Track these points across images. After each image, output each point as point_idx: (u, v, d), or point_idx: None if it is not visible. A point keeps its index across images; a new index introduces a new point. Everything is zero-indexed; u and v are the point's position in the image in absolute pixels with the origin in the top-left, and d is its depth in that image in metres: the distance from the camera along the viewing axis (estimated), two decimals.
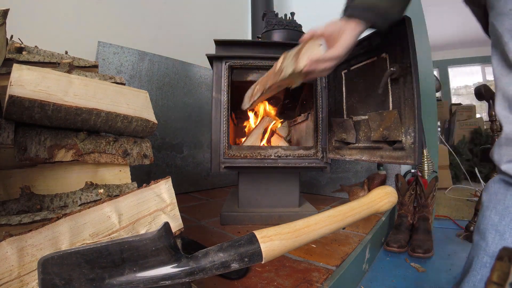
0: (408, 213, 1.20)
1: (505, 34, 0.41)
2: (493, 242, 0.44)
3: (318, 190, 1.57)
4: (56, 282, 0.33)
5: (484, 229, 0.47)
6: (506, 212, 0.44)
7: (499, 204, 0.45)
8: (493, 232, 0.45)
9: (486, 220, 0.47)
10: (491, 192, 0.48)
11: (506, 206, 0.44)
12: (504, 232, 0.43)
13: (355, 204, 0.50)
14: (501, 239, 0.43)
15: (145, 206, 0.47)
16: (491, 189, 0.48)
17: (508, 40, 0.41)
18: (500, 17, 0.42)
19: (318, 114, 1.02)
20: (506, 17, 0.40)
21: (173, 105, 1.51)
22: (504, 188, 0.45)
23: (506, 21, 0.41)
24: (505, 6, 0.40)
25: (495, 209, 0.46)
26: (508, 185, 0.45)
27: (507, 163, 0.44)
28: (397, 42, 0.70)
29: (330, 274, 0.65)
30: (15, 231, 0.38)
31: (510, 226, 0.43)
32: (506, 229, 0.43)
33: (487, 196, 0.49)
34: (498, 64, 0.45)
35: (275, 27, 1.09)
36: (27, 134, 0.47)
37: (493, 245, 0.44)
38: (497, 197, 0.46)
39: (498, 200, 0.46)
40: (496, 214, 0.45)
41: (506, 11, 0.40)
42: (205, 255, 0.37)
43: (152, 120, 0.58)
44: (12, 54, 0.55)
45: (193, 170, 1.61)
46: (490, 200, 0.48)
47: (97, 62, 0.66)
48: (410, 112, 0.68)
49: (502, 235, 0.43)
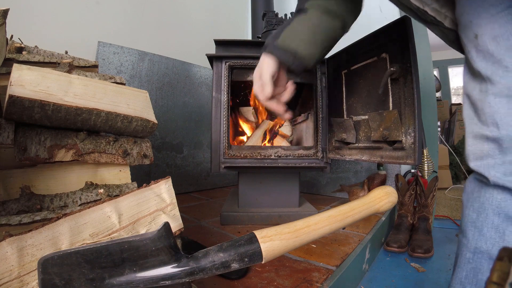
0: (408, 213, 1.20)
1: (468, 44, 0.46)
2: (473, 238, 0.48)
3: (318, 190, 1.57)
4: (56, 282, 0.33)
5: (464, 226, 0.50)
6: (482, 208, 0.47)
7: (475, 201, 0.49)
8: (472, 228, 0.48)
9: (466, 219, 0.50)
10: (468, 191, 0.51)
11: (481, 203, 0.47)
12: (482, 227, 0.46)
13: (355, 204, 0.50)
14: (480, 234, 0.46)
15: (145, 206, 0.47)
16: (468, 188, 0.52)
17: (470, 49, 0.45)
18: (464, 29, 0.46)
19: (318, 114, 1.02)
20: (468, 29, 0.45)
21: (173, 105, 1.51)
22: (479, 186, 0.49)
23: (468, 32, 0.45)
24: (467, 18, 0.45)
25: (472, 207, 0.49)
26: (481, 183, 0.48)
27: (474, 161, 0.48)
28: (397, 42, 0.70)
29: (330, 274, 0.65)
30: (15, 231, 0.38)
31: (487, 222, 0.46)
32: (483, 224, 0.46)
33: (465, 196, 0.52)
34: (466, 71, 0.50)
35: (275, 27, 1.09)
36: (27, 134, 0.47)
37: (473, 241, 0.48)
38: (473, 195, 0.49)
39: (474, 198, 0.49)
40: (473, 211, 0.48)
41: (467, 23, 0.45)
42: (205, 255, 0.37)
43: (152, 120, 0.58)
44: (12, 54, 0.55)
45: (193, 170, 1.61)
46: (468, 199, 0.51)
47: (97, 62, 0.66)
48: (410, 112, 0.68)
49: (480, 231, 0.46)
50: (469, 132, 0.49)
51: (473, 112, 0.48)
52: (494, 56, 0.42)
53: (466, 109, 0.50)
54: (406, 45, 0.67)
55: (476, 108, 0.47)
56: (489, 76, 0.43)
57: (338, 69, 0.95)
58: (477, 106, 0.46)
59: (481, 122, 0.46)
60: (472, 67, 0.46)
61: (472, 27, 0.44)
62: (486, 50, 0.43)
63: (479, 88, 0.46)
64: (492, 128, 0.44)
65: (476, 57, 0.44)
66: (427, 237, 1.09)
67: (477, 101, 0.46)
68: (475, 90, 0.47)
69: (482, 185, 0.48)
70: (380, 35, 0.76)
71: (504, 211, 0.44)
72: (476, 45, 0.44)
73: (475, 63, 0.45)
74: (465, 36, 0.46)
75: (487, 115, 0.44)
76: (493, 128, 0.44)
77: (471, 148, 0.49)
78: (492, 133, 0.44)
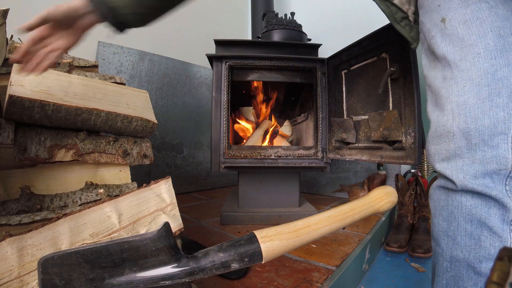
0: (408, 213, 1.20)
1: (433, 28, 0.43)
2: (447, 247, 0.45)
3: (318, 190, 1.57)
4: (56, 282, 0.33)
5: (437, 235, 0.47)
6: (451, 217, 0.44)
7: (443, 210, 0.45)
8: (445, 238, 0.45)
9: (437, 228, 0.47)
10: (434, 199, 0.48)
11: (450, 212, 0.44)
12: (455, 236, 0.43)
13: (355, 204, 0.50)
14: (454, 243, 0.43)
15: (145, 206, 0.47)
16: (434, 196, 0.48)
17: (435, 33, 0.42)
18: (428, 14, 0.44)
19: (318, 114, 1.02)
20: (435, 13, 0.43)
21: (173, 105, 1.50)
22: (445, 195, 0.45)
23: (434, 15, 0.43)
24: (433, 2, 0.43)
25: (441, 215, 0.46)
26: (447, 191, 0.44)
27: (440, 162, 0.44)
28: (397, 42, 0.70)
29: (330, 274, 0.65)
30: (15, 231, 0.38)
31: (459, 230, 0.43)
32: (456, 233, 0.43)
33: (432, 203, 0.49)
34: (426, 61, 0.47)
35: (275, 27, 1.09)
36: (27, 134, 0.47)
37: (448, 250, 0.45)
38: (440, 203, 0.46)
39: (442, 206, 0.46)
40: (443, 220, 0.45)
41: (434, 7, 0.43)
42: (205, 255, 0.37)
43: (152, 120, 0.58)
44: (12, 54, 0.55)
45: (193, 170, 1.61)
46: (435, 207, 0.48)
47: (97, 62, 0.66)
48: (410, 112, 0.68)
49: (454, 239, 0.44)
50: (433, 128, 0.44)
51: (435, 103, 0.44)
52: (464, 40, 0.39)
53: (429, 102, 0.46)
54: (406, 45, 0.67)
55: (440, 98, 0.42)
56: (457, 61, 0.40)
57: (338, 69, 0.95)
58: (440, 96, 0.42)
59: (446, 114, 0.41)
60: (435, 52, 0.43)
61: (440, 11, 0.42)
62: (455, 34, 0.40)
63: (442, 75, 0.42)
64: (460, 121, 0.39)
65: (441, 42, 0.41)
66: (427, 237, 1.09)
67: (440, 90, 0.42)
68: (437, 79, 0.43)
69: (448, 193, 0.44)
70: (380, 35, 0.76)
71: (476, 218, 0.41)
72: (442, 29, 0.41)
73: (440, 48, 0.41)
74: (429, 20, 0.43)
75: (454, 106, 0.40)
76: (460, 122, 0.39)
77: (435, 147, 0.44)
78: (460, 127, 0.40)
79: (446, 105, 0.41)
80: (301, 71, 1.04)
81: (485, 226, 0.40)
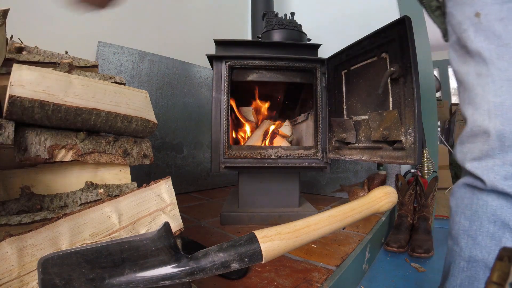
0: (408, 213, 1.20)
1: (465, 21, 0.41)
2: (466, 247, 0.44)
3: (318, 190, 1.57)
4: (56, 282, 0.33)
5: (456, 234, 0.47)
6: (475, 217, 0.44)
7: (467, 209, 0.45)
8: (466, 237, 0.45)
9: (457, 226, 0.47)
10: (457, 197, 0.48)
11: (474, 211, 0.44)
12: (476, 236, 0.43)
13: (355, 204, 0.49)
14: (475, 243, 0.43)
15: (145, 206, 0.47)
16: (457, 194, 0.48)
17: (468, 27, 0.41)
18: (460, 6, 0.42)
19: (318, 114, 1.02)
20: (467, 6, 0.41)
21: (173, 105, 1.51)
22: (470, 193, 0.45)
23: (466, 8, 0.41)
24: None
25: (463, 214, 0.46)
26: (473, 189, 0.44)
27: (471, 161, 0.44)
28: (397, 42, 0.70)
29: (330, 274, 0.65)
30: (15, 231, 0.38)
31: (481, 230, 0.43)
32: (477, 233, 0.43)
33: (454, 201, 0.49)
34: (455, 55, 0.45)
35: (275, 27, 1.09)
36: (27, 134, 0.46)
37: (467, 250, 0.44)
38: (463, 202, 0.46)
39: (465, 205, 0.45)
40: (465, 219, 0.45)
41: (467, 0, 0.41)
42: (205, 255, 0.37)
43: (152, 120, 0.58)
44: (12, 54, 0.55)
45: (193, 170, 1.61)
46: (457, 206, 0.47)
47: (97, 62, 0.66)
48: (410, 112, 0.68)
49: (474, 239, 0.43)
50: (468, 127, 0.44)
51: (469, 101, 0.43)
52: (501, 38, 0.38)
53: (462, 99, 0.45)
54: (406, 45, 0.67)
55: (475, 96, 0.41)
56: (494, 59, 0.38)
57: (338, 69, 0.95)
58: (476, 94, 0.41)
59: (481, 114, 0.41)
60: (467, 46, 0.41)
61: (474, 4, 0.40)
62: (491, 31, 0.38)
63: (476, 71, 0.41)
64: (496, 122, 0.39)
65: (475, 37, 0.40)
66: (427, 237, 1.09)
67: (475, 87, 0.41)
68: (470, 74, 0.42)
69: (474, 191, 0.44)
70: (380, 35, 0.76)
71: (501, 218, 0.40)
72: (476, 23, 0.40)
73: (473, 43, 0.40)
74: (461, 13, 0.42)
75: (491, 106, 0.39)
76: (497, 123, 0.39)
77: (470, 146, 0.44)
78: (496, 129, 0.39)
79: (482, 104, 0.40)
80: (301, 71, 1.04)
81: (508, 228, 0.40)
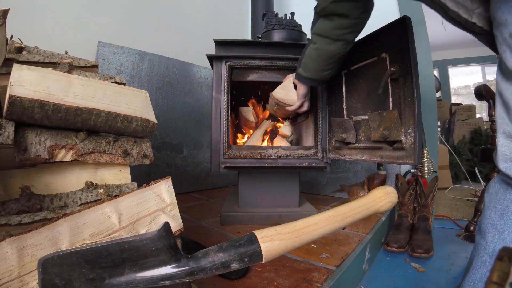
0: (408, 213, 1.20)
1: (502, 43, 0.43)
2: (492, 241, 0.46)
3: (318, 190, 1.57)
4: (56, 282, 0.33)
5: (484, 228, 0.49)
6: (505, 211, 0.46)
7: (498, 203, 0.47)
8: (493, 231, 0.47)
9: (487, 220, 0.49)
10: (491, 192, 0.50)
11: (505, 205, 0.46)
12: (503, 230, 0.45)
13: (355, 204, 0.50)
14: (501, 238, 0.45)
15: (145, 206, 0.47)
16: (492, 189, 0.50)
17: (505, 49, 0.43)
18: (499, 27, 0.44)
19: (318, 114, 1.02)
20: (504, 27, 0.42)
21: (173, 105, 1.50)
22: (504, 188, 0.47)
23: (503, 30, 0.43)
24: (502, 16, 0.42)
25: (495, 208, 0.48)
26: (508, 185, 0.47)
27: (503, 163, 0.46)
28: (397, 42, 0.70)
29: (330, 274, 0.65)
30: (15, 231, 0.38)
31: (509, 225, 0.45)
32: (505, 227, 0.45)
33: (488, 196, 0.51)
34: (499, 69, 0.48)
35: (275, 27, 1.09)
36: (27, 134, 0.46)
37: (492, 244, 0.46)
38: (497, 196, 0.48)
39: (498, 199, 0.47)
40: (495, 213, 0.47)
41: (503, 21, 0.42)
42: (205, 255, 0.37)
43: (152, 120, 0.58)
44: (12, 54, 0.55)
45: (193, 170, 1.61)
46: (490, 200, 0.49)
47: (97, 62, 0.66)
48: (410, 112, 0.68)
49: (501, 234, 0.45)
50: (501, 132, 0.47)
51: (505, 111, 0.46)
52: None
53: (498, 108, 0.48)
54: (406, 45, 0.67)
55: (509, 108, 0.45)
56: None
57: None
58: (509, 106, 0.45)
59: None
60: (506, 66, 0.43)
61: (508, 25, 0.41)
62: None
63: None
64: None
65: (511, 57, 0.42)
66: (427, 237, 1.09)
67: (509, 101, 0.45)
68: (507, 90, 0.45)
69: (508, 187, 0.46)
70: (380, 35, 0.76)
71: None
72: (510, 45, 0.42)
73: (509, 63, 0.42)
74: (500, 34, 0.44)
75: None
76: None
77: (501, 149, 0.47)
78: None
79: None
80: None
81: None
